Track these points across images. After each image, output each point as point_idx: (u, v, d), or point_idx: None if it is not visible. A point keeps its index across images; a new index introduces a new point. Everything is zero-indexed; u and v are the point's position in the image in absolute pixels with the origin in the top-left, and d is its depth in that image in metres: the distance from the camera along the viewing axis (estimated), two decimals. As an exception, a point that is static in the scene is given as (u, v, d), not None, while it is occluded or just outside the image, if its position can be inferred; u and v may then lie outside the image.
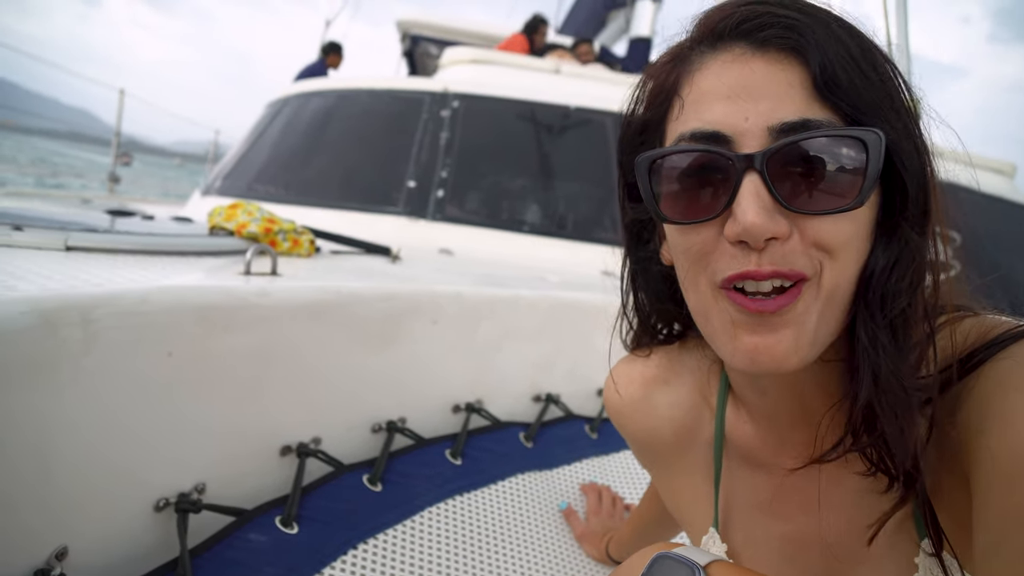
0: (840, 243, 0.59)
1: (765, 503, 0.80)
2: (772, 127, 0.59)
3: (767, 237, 0.58)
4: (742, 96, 0.60)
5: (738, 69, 0.61)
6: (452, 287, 1.75)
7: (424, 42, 7.88)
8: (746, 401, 0.80)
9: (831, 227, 0.59)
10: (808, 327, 0.61)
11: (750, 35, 0.61)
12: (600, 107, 3.44)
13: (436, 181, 3.25)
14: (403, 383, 1.60)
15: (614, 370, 0.98)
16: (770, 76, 0.60)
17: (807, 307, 0.61)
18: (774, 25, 0.60)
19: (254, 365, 1.29)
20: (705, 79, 0.63)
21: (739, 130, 0.60)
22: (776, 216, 0.58)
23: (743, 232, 0.58)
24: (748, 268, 0.60)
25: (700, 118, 0.62)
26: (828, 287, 0.60)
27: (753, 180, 0.58)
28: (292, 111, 4.09)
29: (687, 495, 0.92)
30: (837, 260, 0.60)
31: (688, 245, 0.65)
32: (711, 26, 0.65)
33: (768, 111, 0.59)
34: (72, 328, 1.00)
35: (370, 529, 1.25)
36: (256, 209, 2.00)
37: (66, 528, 1.00)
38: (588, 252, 3.07)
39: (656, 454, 0.95)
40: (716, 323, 0.65)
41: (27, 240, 1.42)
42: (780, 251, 0.59)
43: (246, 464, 1.29)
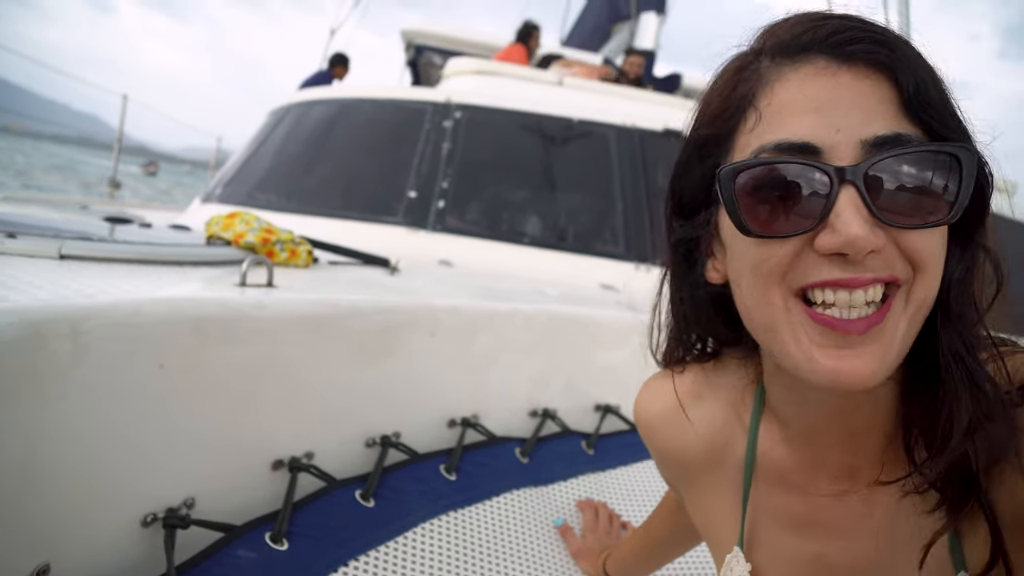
0: (931, 256, 0.60)
1: (795, 524, 0.79)
2: (865, 140, 0.58)
3: (869, 250, 0.58)
4: (831, 109, 0.59)
5: (824, 82, 0.60)
6: (449, 300, 1.74)
7: (428, 52, 7.89)
8: (784, 419, 0.79)
9: (923, 241, 0.59)
10: (895, 342, 0.60)
11: (836, 48, 0.60)
12: (603, 120, 3.43)
13: (437, 192, 3.24)
14: (398, 397, 1.59)
15: (646, 385, 0.97)
16: (859, 90, 0.59)
17: (896, 321, 0.60)
18: (863, 40, 0.60)
19: (247, 378, 1.28)
20: (786, 91, 0.62)
21: (830, 142, 0.59)
22: (875, 229, 0.58)
23: (846, 244, 0.57)
24: (844, 276, 0.59)
25: (785, 130, 0.61)
26: (918, 299, 0.60)
27: (850, 193, 0.58)
28: (294, 119, 4.09)
29: (714, 513, 0.91)
30: (926, 273, 0.60)
31: (765, 258, 0.63)
32: (790, 37, 0.64)
33: (860, 124, 0.58)
34: (61, 340, 0.98)
35: (362, 546, 1.23)
36: (254, 219, 1.99)
37: (49, 544, 0.98)
38: (588, 265, 3.06)
39: (684, 470, 0.94)
40: (787, 337, 0.63)
41: (20, 248, 1.41)
42: (877, 261, 0.59)
43: (237, 479, 1.27)
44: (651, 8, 6.22)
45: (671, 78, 5.40)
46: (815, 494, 0.76)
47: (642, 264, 3.07)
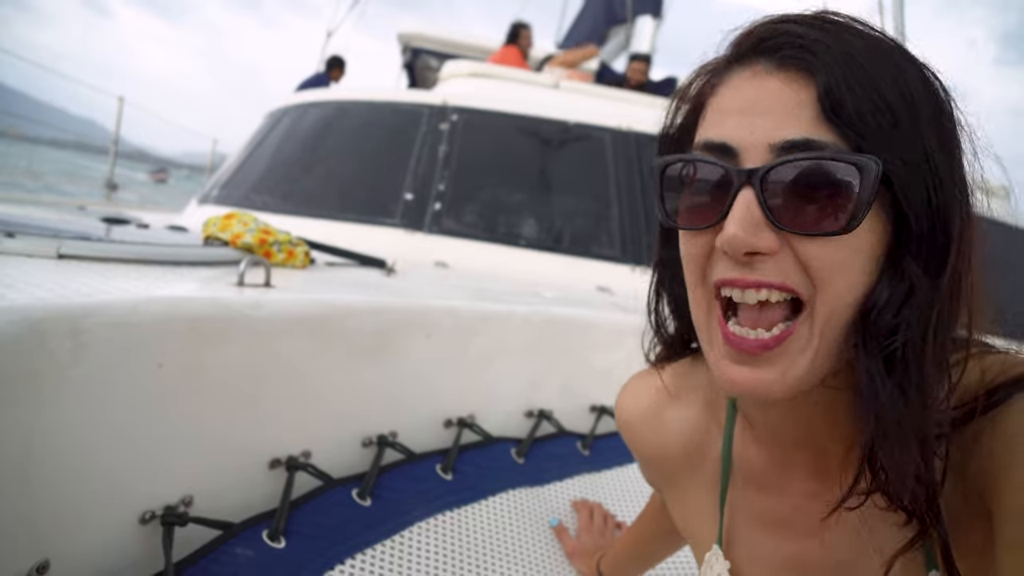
0: (829, 267, 0.59)
1: (771, 523, 0.80)
2: (774, 144, 0.59)
3: (747, 251, 0.59)
4: (751, 111, 0.61)
5: (754, 85, 0.62)
6: (445, 302, 1.75)
7: (424, 55, 7.90)
8: (752, 421, 0.80)
9: (820, 250, 0.59)
10: (799, 365, 0.61)
11: (771, 53, 0.62)
12: (599, 123, 3.44)
13: (433, 194, 3.25)
14: (395, 397, 1.59)
15: (627, 384, 0.98)
16: (781, 94, 0.60)
17: (801, 347, 0.61)
18: (789, 45, 0.61)
19: (245, 377, 1.28)
20: (726, 92, 0.65)
21: (744, 143, 0.61)
22: (763, 232, 0.59)
23: (725, 243, 0.60)
24: (734, 275, 0.62)
25: (714, 129, 0.64)
26: (822, 316, 0.60)
27: (747, 194, 0.59)
28: (291, 121, 4.09)
29: (693, 511, 0.92)
30: (826, 287, 0.60)
31: (688, 253, 0.67)
32: (738, 41, 0.66)
33: (772, 128, 0.59)
34: (61, 339, 0.99)
35: (358, 544, 1.24)
36: (251, 220, 2.00)
37: (48, 541, 0.99)
38: (584, 267, 3.08)
39: (664, 469, 0.95)
40: (706, 341, 0.67)
41: (18, 247, 1.42)
42: (770, 266, 0.60)
43: (234, 477, 1.28)
44: (647, 12, 6.23)
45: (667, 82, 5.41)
46: (789, 494, 0.77)
47: (638, 266, 3.08)
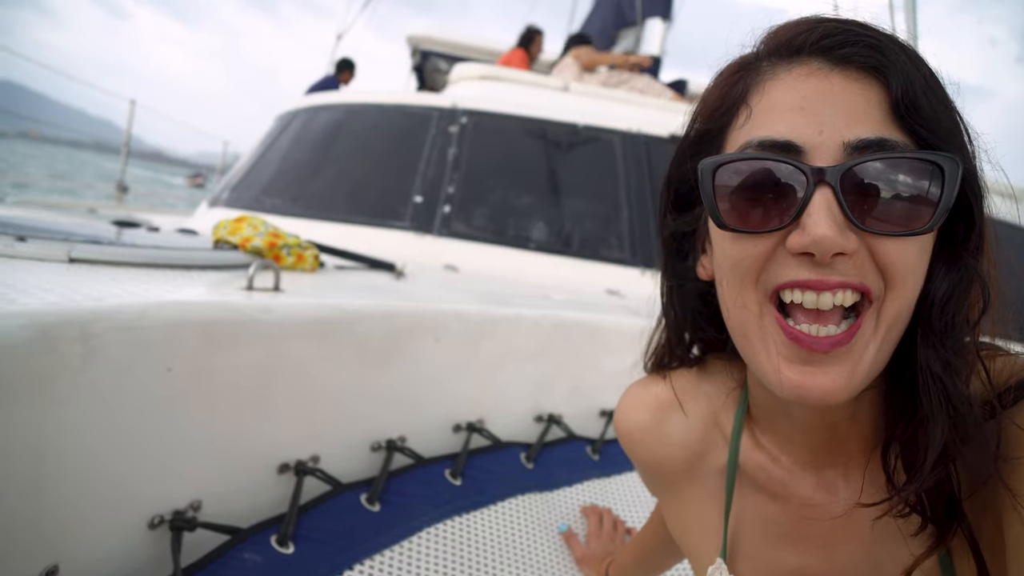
0: (905, 267, 0.58)
1: (777, 535, 0.78)
2: (848, 143, 0.57)
3: (836, 252, 0.57)
4: (817, 110, 0.59)
5: (815, 83, 0.60)
6: (455, 305, 1.74)
7: (434, 57, 7.91)
8: (768, 426, 0.78)
9: (899, 250, 0.58)
10: (863, 361, 0.60)
11: (830, 51, 0.60)
12: (608, 125, 3.44)
13: (443, 197, 3.25)
14: (404, 401, 1.59)
15: (627, 393, 0.95)
16: (848, 92, 0.59)
17: (865, 341, 0.60)
18: (857, 43, 0.59)
19: (254, 382, 1.28)
20: (777, 89, 0.62)
21: (813, 143, 0.58)
22: (846, 231, 0.57)
23: (812, 243, 0.57)
24: (812, 277, 0.59)
25: (771, 127, 0.61)
26: (890, 315, 0.59)
27: (825, 194, 0.57)
28: (301, 124, 4.10)
29: (695, 523, 0.90)
30: (899, 286, 0.59)
31: (741, 256, 0.63)
32: (787, 39, 0.64)
33: (844, 127, 0.58)
34: (71, 343, 0.99)
35: (367, 550, 1.23)
36: (261, 223, 2.00)
37: (57, 546, 0.99)
38: (593, 271, 3.07)
39: (665, 480, 0.93)
40: (759, 346, 0.64)
41: (30, 251, 1.42)
42: (847, 266, 0.58)
43: (243, 481, 1.28)
44: (657, 14, 6.22)
45: (677, 84, 5.40)
46: (796, 504, 0.75)
47: (648, 270, 3.07)
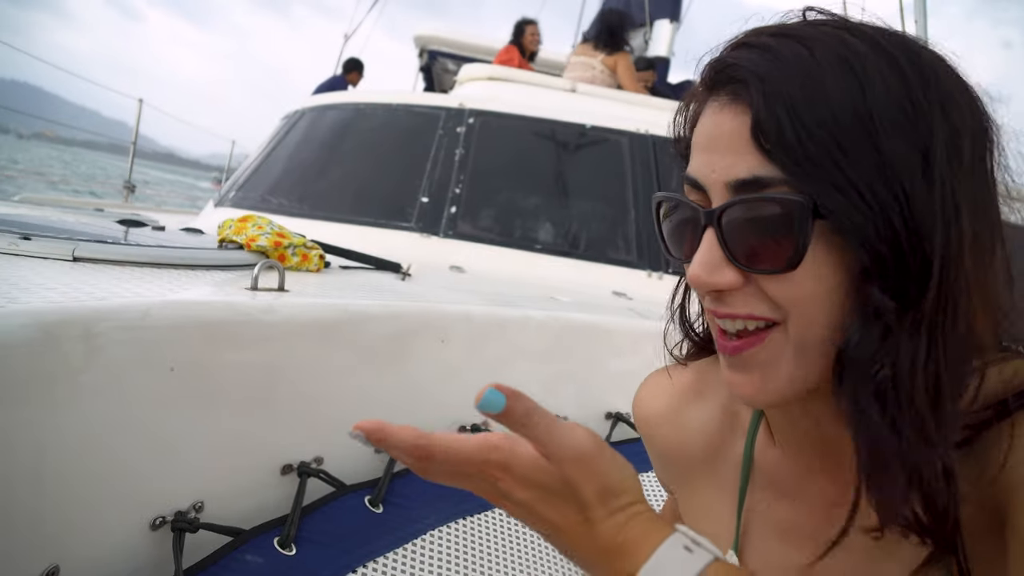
0: (792, 299, 0.58)
1: (785, 531, 0.78)
2: (729, 183, 0.59)
3: (708, 289, 0.62)
4: (712, 148, 0.61)
5: (714, 119, 0.62)
6: (461, 307, 1.73)
7: (442, 58, 7.92)
8: (773, 423, 0.78)
9: (779, 286, 0.59)
10: (780, 370, 0.61)
11: (723, 85, 0.61)
12: (616, 126, 3.43)
13: (450, 197, 3.25)
14: (409, 402, 1.58)
15: (646, 381, 0.96)
16: (733, 129, 0.59)
17: (775, 351, 0.61)
18: (731, 77, 0.60)
19: (257, 382, 1.27)
20: (701, 125, 0.65)
21: (708, 181, 0.62)
22: (724, 270, 0.60)
23: (690, 281, 0.63)
24: (710, 306, 0.64)
25: (691, 164, 0.65)
26: (795, 336, 0.60)
27: (710, 234, 0.61)
28: (307, 124, 4.10)
29: (707, 515, 0.89)
30: (797, 315, 0.59)
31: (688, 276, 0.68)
32: (708, 73, 0.64)
33: (727, 167, 0.59)
34: (74, 342, 0.99)
35: (370, 552, 1.22)
36: (266, 223, 1.99)
37: (58, 546, 0.98)
38: (600, 272, 3.06)
39: (681, 470, 0.92)
40: None
41: (34, 249, 1.42)
42: (738, 298, 0.61)
43: (246, 483, 1.27)
44: (665, 16, 6.21)
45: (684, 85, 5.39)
46: (808, 501, 0.75)
47: (654, 272, 3.06)
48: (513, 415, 0.55)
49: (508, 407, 0.55)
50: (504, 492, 0.57)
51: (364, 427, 0.55)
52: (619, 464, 0.59)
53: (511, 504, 0.59)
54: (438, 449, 0.56)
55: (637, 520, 0.57)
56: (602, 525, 0.57)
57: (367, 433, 0.55)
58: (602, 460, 0.58)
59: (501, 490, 0.57)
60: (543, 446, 0.56)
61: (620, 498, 0.58)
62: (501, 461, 0.56)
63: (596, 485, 0.57)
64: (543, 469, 0.56)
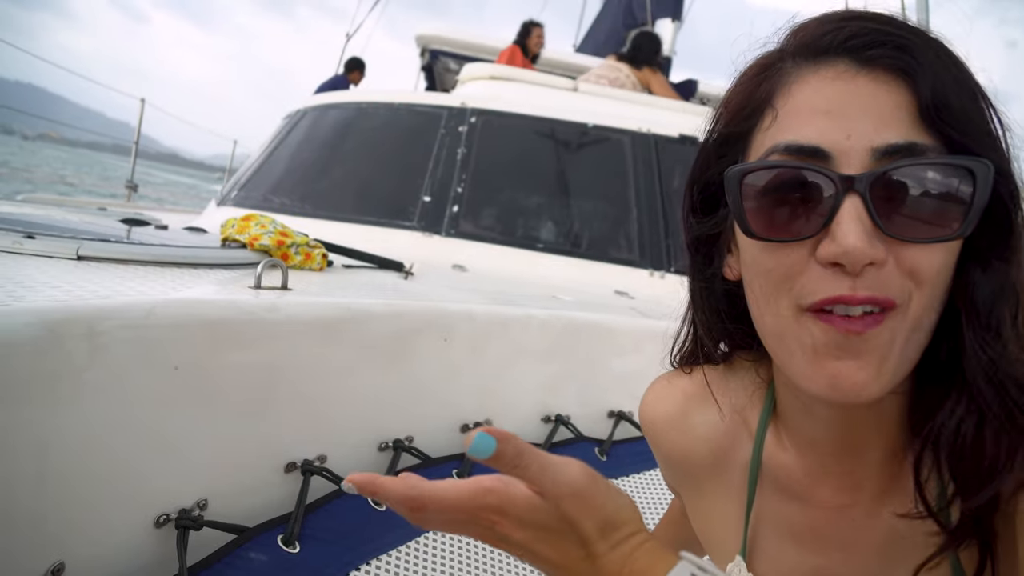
0: (934, 273, 0.57)
1: (797, 535, 0.78)
2: (876, 148, 0.56)
3: (866, 263, 0.56)
4: (844, 113, 0.58)
5: (841, 86, 0.59)
6: (463, 305, 1.74)
7: (443, 57, 7.91)
8: (792, 426, 0.77)
9: (928, 256, 0.57)
10: (893, 354, 0.58)
11: (857, 52, 0.59)
12: (618, 125, 3.43)
13: (452, 197, 3.25)
14: (411, 401, 1.58)
15: (652, 385, 0.94)
16: (876, 96, 0.57)
17: (893, 334, 0.58)
18: (885, 44, 0.58)
19: (261, 380, 1.28)
20: (803, 92, 0.61)
21: (840, 148, 0.57)
22: (875, 241, 0.56)
23: (842, 255, 0.56)
24: (842, 292, 0.57)
25: (797, 131, 0.60)
26: (914, 316, 0.58)
27: (855, 202, 0.56)
28: (309, 123, 4.10)
29: (716, 519, 0.89)
30: (926, 290, 0.58)
31: (773, 265, 0.62)
32: (812, 39, 0.62)
33: (872, 131, 0.57)
34: (77, 340, 0.99)
35: (373, 550, 1.23)
36: (269, 221, 2.00)
37: (63, 543, 0.99)
38: (602, 271, 3.06)
39: (688, 475, 0.92)
40: (794, 346, 0.62)
41: (38, 248, 1.42)
42: (875, 277, 0.57)
43: (249, 481, 1.27)
44: (667, 15, 6.21)
45: (687, 84, 5.39)
46: (818, 505, 0.75)
47: (656, 271, 3.06)
48: (504, 458, 0.54)
49: (499, 450, 0.53)
50: (502, 535, 0.57)
51: (356, 480, 0.55)
52: (615, 495, 0.58)
53: (510, 546, 0.58)
54: (429, 499, 0.55)
55: (641, 551, 0.57)
56: (605, 559, 0.56)
57: (359, 486, 0.55)
58: (598, 493, 0.57)
59: (499, 533, 0.57)
60: (538, 485, 0.56)
61: (621, 530, 0.57)
62: (496, 505, 0.55)
63: (595, 519, 0.56)
64: (540, 508, 0.56)
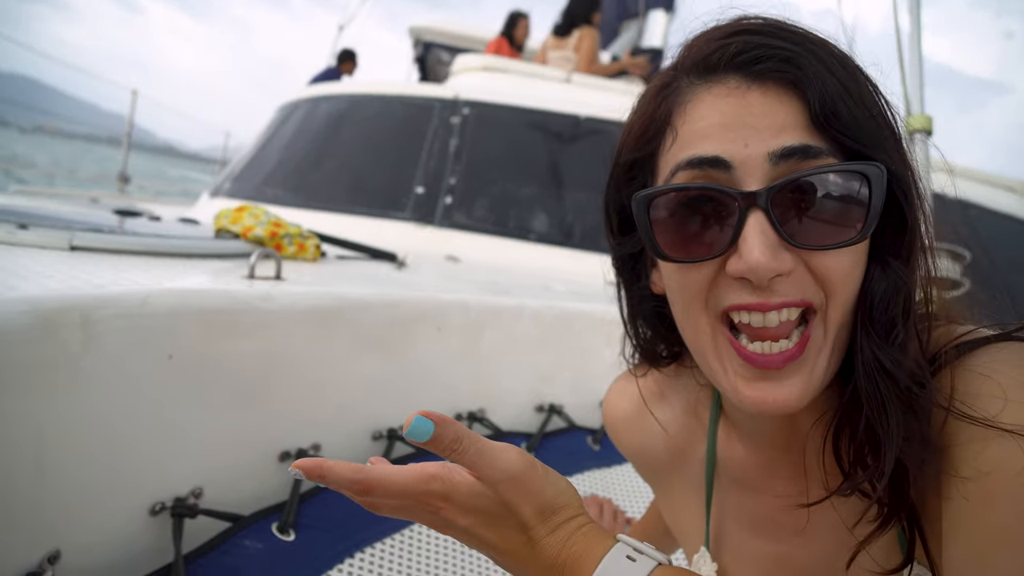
0: (843, 275, 0.59)
1: (757, 525, 0.80)
2: (773, 152, 0.57)
3: (772, 276, 0.57)
4: (741, 124, 0.59)
5: (734, 101, 0.60)
6: (457, 295, 1.74)
7: (436, 48, 7.89)
8: (737, 424, 0.79)
9: (834, 261, 0.58)
10: (819, 368, 0.60)
11: (745, 68, 0.60)
12: (610, 117, 3.43)
13: (445, 187, 3.25)
14: (405, 390, 1.59)
15: (613, 385, 0.98)
16: (768, 107, 0.58)
17: (816, 350, 0.60)
18: (771, 58, 0.59)
19: (255, 370, 1.28)
20: (698, 110, 0.62)
21: (740, 156, 0.58)
22: (781, 253, 0.57)
23: (748, 271, 0.57)
24: (753, 300, 0.59)
25: (697, 146, 0.60)
26: (835, 321, 0.60)
27: (758, 217, 0.57)
28: (303, 115, 4.10)
29: (682, 512, 0.91)
30: (839, 293, 0.59)
31: (687, 283, 0.63)
32: (702, 56, 0.63)
33: (770, 137, 0.58)
34: (72, 329, 0.99)
35: (368, 538, 1.23)
36: (262, 212, 2.00)
37: (59, 531, 0.99)
38: (595, 262, 3.05)
39: (652, 470, 0.95)
40: (715, 365, 0.64)
41: (31, 239, 1.42)
42: (786, 283, 0.58)
43: (244, 469, 1.28)
44: (660, 6, 6.20)
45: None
46: (772, 495, 0.76)
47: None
48: (442, 441, 0.56)
49: (436, 434, 0.55)
50: (447, 520, 0.59)
51: (302, 465, 0.56)
52: (553, 480, 0.60)
53: (455, 531, 0.60)
54: (376, 482, 0.56)
55: (579, 534, 0.59)
56: (544, 542, 0.58)
57: (306, 472, 0.56)
58: (536, 478, 0.59)
59: (444, 519, 0.58)
60: (476, 470, 0.57)
61: (559, 514, 0.59)
62: (441, 491, 0.57)
63: (533, 504, 0.58)
64: (480, 494, 0.58)
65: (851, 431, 0.61)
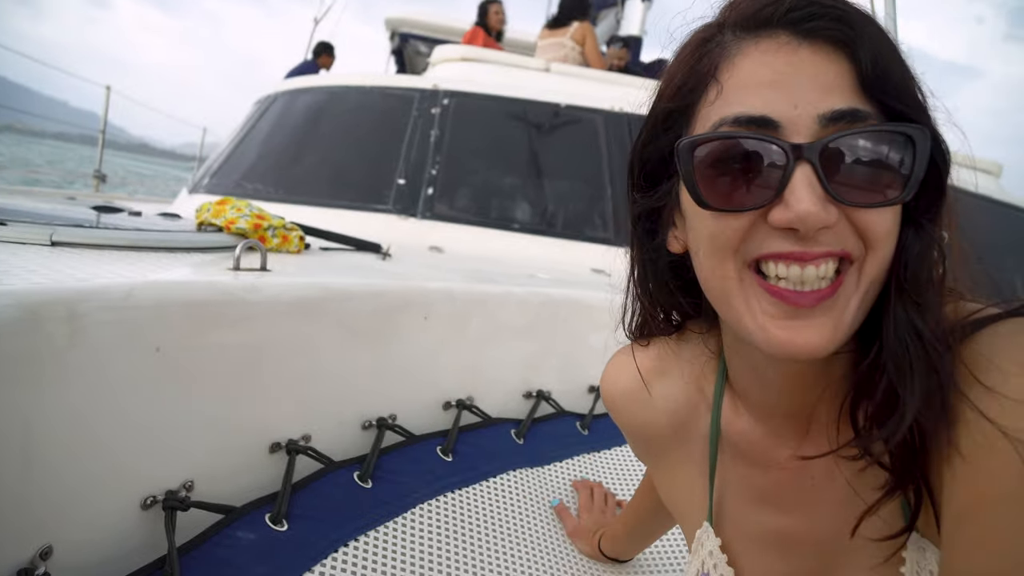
0: (884, 232, 0.61)
1: (760, 498, 0.80)
2: (822, 115, 0.59)
3: (820, 227, 0.59)
4: (789, 84, 0.60)
5: (784, 57, 0.61)
6: (443, 284, 1.74)
7: (413, 40, 7.86)
8: (744, 393, 0.80)
9: (876, 219, 0.60)
10: (847, 315, 0.62)
11: (797, 24, 0.61)
12: (590, 105, 3.43)
13: (426, 179, 3.24)
14: (393, 380, 1.59)
15: (611, 361, 0.97)
16: (818, 66, 0.60)
17: (848, 296, 0.61)
18: (824, 16, 0.60)
19: (243, 361, 1.28)
20: (747, 64, 0.62)
21: (788, 117, 0.59)
22: (827, 206, 0.59)
23: (797, 220, 0.58)
24: (797, 249, 0.60)
25: (745, 103, 0.61)
26: (870, 274, 0.61)
27: (806, 170, 0.58)
28: (280, 108, 4.06)
29: (682, 488, 0.92)
30: (877, 250, 0.61)
31: (721, 230, 0.64)
32: (753, 11, 0.64)
33: (817, 99, 0.59)
34: (58, 323, 0.98)
35: (361, 526, 1.23)
36: (245, 205, 1.98)
37: (50, 526, 0.98)
38: (578, 250, 3.07)
39: (652, 446, 0.95)
40: (742, 308, 0.65)
41: (11, 234, 1.40)
42: (828, 236, 0.60)
43: (235, 461, 1.27)
44: (637, -6, 6.21)
45: (658, 64, 5.40)
46: (777, 467, 0.77)
47: (632, 249, 3.07)
48: None
49: None
50: None
51: None
52: None
53: None
54: None
55: None
56: None
57: None
58: None
59: None
60: None
61: None
62: None
63: None
64: None
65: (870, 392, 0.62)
